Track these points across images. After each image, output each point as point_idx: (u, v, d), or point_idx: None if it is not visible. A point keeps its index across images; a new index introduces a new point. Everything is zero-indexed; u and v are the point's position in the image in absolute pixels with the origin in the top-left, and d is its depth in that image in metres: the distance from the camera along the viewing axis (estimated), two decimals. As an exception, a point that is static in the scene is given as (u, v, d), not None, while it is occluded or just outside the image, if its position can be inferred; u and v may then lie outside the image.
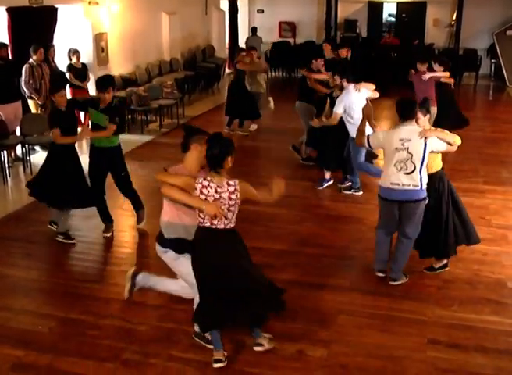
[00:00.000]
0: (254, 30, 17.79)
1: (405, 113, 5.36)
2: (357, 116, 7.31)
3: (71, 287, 5.61)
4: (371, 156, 8.21)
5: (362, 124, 6.38)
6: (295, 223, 7.13)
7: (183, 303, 5.19)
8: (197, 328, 4.61)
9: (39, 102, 9.44)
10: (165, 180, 4.21)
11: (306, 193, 8.12)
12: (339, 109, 7.60)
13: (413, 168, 5.27)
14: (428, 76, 9.24)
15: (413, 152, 5.26)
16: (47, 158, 6.48)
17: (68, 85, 10.28)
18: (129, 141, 10.72)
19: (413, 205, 5.37)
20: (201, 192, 4.13)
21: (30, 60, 9.30)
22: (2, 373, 4.34)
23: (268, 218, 7.09)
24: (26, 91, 9.34)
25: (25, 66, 9.26)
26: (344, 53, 10.35)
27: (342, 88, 7.79)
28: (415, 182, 5.30)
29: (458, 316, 5.07)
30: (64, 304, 5.27)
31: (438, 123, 9.27)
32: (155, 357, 4.50)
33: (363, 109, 6.87)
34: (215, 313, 4.26)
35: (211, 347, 4.45)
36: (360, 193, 8.03)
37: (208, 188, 4.12)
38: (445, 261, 5.86)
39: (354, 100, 7.54)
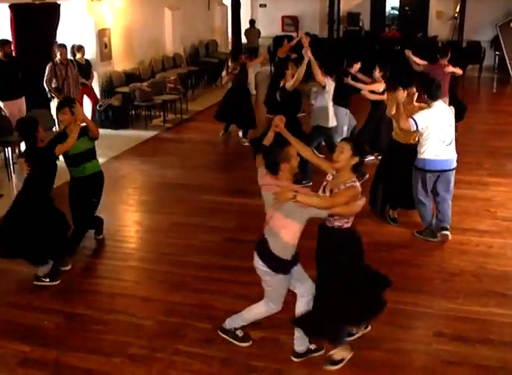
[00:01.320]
0: (252, 22, 17.77)
1: (435, 93, 5.82)
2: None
3: (76, 282, 5.63)
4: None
5: (399, 109, 5.90)
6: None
7: (188, 298, 5.22)
8: (226, 324, 4.57)
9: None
10: (327, 202, 4.04)
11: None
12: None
13: (451, 139, 5.87)
14: (450, 69, 9.32)
15: (452, 126, 5.86)
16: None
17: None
18: (132, 136, 10.75)
19: (450, 173, 6.01)
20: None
21: (56, 59, 9.41)
22: (10, 369, 4.36)
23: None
24: (47, 89, 9.47)
25: (49, 64, 9.37)
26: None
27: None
28: (452, 152, 5.94)
29: (464, 309, 5.07)
30: (69, 299, 5.29)
31: None
32: (161, 351, 4.52)
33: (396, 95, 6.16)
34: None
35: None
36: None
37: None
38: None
39: None
